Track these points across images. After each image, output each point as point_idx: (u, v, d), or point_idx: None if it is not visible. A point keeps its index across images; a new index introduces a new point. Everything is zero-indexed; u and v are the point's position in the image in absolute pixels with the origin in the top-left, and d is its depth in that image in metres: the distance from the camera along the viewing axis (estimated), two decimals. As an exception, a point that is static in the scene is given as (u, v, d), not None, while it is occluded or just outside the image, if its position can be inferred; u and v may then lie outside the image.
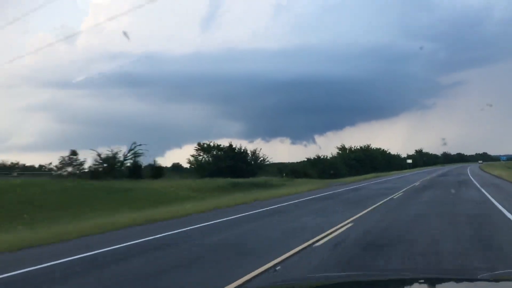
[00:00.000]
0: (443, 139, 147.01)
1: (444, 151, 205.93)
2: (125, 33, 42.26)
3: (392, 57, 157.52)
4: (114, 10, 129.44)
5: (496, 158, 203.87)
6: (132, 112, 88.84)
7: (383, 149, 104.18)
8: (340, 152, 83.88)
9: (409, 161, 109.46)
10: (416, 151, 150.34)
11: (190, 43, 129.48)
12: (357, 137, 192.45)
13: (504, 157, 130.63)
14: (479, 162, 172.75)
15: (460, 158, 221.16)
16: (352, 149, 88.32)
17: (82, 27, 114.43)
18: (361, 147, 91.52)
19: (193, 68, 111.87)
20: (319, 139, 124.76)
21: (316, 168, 62.12)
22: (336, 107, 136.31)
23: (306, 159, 69.11)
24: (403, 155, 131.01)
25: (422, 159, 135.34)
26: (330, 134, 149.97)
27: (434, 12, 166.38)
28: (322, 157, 68.98)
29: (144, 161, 39.66)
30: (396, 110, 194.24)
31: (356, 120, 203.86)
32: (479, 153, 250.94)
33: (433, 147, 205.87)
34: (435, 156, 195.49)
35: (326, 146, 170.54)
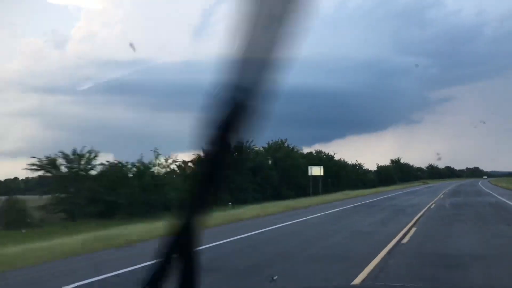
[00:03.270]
0: (438, 153, 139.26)
1: (431, 163, 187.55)
2: (131, 45, 40.27)
3: (384, 72, 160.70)
4: (106, 17, 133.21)
5: (494, 174, 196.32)
6: (119, 120, 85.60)
7: (345, 161, 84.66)
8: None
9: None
10: (392, 161, 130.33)
11: (181, 52, 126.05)
12: (346, 150, 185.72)
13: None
14: (484, 177, 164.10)
15: (450, 173, 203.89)
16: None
17: (73, 33, 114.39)
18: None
19: (183, 77, 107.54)
20: (307, 150, 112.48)
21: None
22: (326, 119, 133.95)
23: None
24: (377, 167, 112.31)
25: (393, 173, 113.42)
26: (318, 146, 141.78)
27: (426, 29, 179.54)
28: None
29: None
30: (384, 124, 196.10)
31: (346, 133, 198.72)
32: (469, 168, 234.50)
33: (419, 161, 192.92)
34: (419, 169, 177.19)
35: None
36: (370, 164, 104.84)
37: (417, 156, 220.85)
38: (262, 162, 47.99)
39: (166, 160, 36.27)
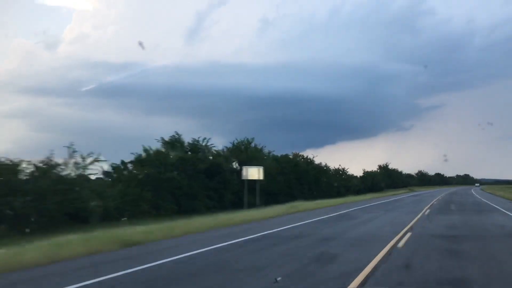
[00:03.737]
0: (445, 155, 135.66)
1: (420, 169, 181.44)
2: (140, 43, 35.37)
3: (375, 78, 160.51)
4: (98, 19, 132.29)
5: (484, 182, 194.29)
6: (110, 123, 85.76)
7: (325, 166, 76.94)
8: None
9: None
10: (380, 167, 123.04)
11: (173, 55, 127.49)
12: (337, 155, 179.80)
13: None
14: (476, 185, 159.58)
15: (440, 180, 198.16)
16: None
17: (64, 34, 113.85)
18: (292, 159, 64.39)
19: (175, 80, 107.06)
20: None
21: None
22: (317, 124, 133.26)
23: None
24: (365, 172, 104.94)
25: (380, 179, 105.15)
26: (310, 152, 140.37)
27: (417, 36, 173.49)
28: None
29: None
30: (375, 130, 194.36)
31: (337, 139, 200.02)
32: (460, 175, 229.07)
33: (410, 167, 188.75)
34: (409, 176, 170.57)
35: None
36: (360, 170, 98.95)
37: (408, 162, 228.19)
38: (220, 165, 40.09)
39: (84, 159, 28.14)
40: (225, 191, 40.18)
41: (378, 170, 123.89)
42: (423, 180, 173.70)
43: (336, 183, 74.84)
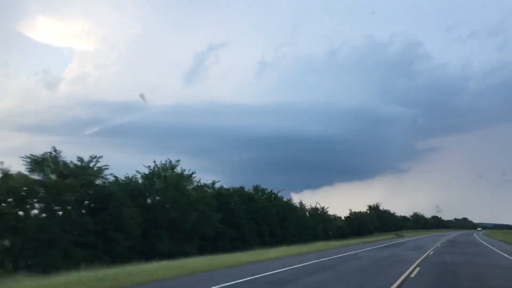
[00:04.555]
0: (438, 206, 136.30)
1: (416, 211, 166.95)
2: (142, 96, 28.42)
3: (372, 120, 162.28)
4: (99, 59, 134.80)
5: (483, 226, 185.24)
6: (108, 161, 59.19)
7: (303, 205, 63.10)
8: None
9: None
10: (370, 207, 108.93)
11: (172, 95, 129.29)
12: (334, 197, 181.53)
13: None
14: (479, 229, 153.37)
15: (437, 223, 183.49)
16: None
17: (65, 73, 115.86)
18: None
19: (173, 120, 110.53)
20: (296, 197, 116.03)
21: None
22: (314, 165, 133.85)
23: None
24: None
25: (369, 221, 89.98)
26: (307, 192, 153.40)
27: (413, 80, 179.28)
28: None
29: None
30: (372, 172, 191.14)
31: (334, 180, 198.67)
32: (458, 218, 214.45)
33: (406, 210, 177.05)
34: (404, 218, 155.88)
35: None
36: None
37: (405, 205, 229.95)
38: (110, 194, 26.28)
39: None
40: (116, 234, 26.20)
41: (368, 211, 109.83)
42: (418, 223, 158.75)
43: (310, 225, 60.70)
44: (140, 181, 32.02)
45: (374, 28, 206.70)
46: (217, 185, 41.04)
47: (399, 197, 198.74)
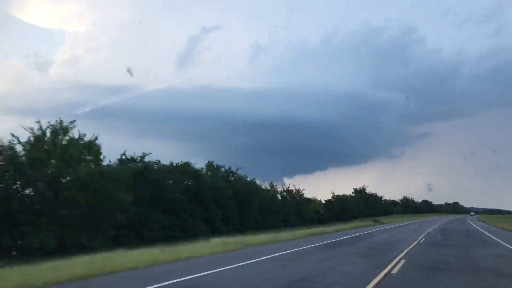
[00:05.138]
0: (429, 184, 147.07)
1: (405, 195, 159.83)
2: (129, 70, 35.63)
3: (365, 106, 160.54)
4: (91, 42, 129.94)
5: (469, 211, 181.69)
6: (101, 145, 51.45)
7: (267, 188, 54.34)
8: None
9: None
10: (356, 190, 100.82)
11: (165, 79, 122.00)
12: (327, 182, 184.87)
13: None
14: (472, 214, 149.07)
15: (428, 207, 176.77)
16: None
17: (56, 56, 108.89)
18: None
19: (166, 104, 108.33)
20: (288, 182, 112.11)
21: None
22: (308, 150, 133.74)
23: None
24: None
25: (353, 205, 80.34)
26: (299, 178, 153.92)
27: (407, 66, 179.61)
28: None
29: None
30: (365, 157, 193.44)
31: (328, 165, 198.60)
32: (449, 203, 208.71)
33: (397, 194, 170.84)
34: (393, 203, 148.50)
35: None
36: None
37: (396, 189, 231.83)
38: None
39: None
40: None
41: (353, 194, 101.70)
42: (408, 207, 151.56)
43: (281, 210, 52.03)
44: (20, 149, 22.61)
45: (369, 12, 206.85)
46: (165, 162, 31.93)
47: (391, 182, 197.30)
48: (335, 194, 79.25)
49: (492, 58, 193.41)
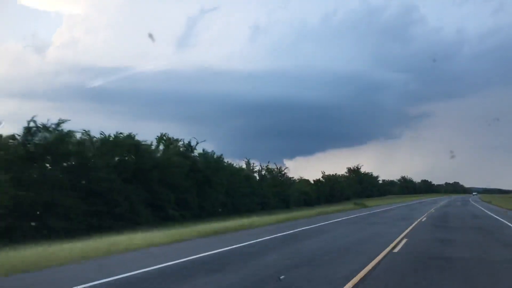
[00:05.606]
0: (451, 151, 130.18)
1: (403, 175, 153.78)
2: (150, 35, 37.09)
3: (364, 86, 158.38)
4: (89, 23, 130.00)
5: (470, 191, 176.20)
6: (99, 127, 63.23)
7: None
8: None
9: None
10: (350, 170, 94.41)
11: (163, 61, 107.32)
12: (327, 163, 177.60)
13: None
14: (474, 194, 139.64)
15: (427, 187, 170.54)
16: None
17: (54, 38, 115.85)
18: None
19: (164, 86, 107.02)
20: (288, 163, 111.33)
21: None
22: (307, 132, 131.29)
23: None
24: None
25: (345, 185, 72.96)
26: (300, 159, 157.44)
27: (408, 45, 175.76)
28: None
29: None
30: (365, 138, 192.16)
31: (327, 146, 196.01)
32: (449, 183, 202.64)
33: (397, 175, 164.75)
34: (391, 183, 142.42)
35: (294, 171, 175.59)
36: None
37: (395, 170, 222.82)
38: None
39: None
40: None
41: (347, 174, 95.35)
42: (406, 187, 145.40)
43: (258, 192, 45.58)
44: None
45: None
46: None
47: (391, 163, 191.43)
48: (325, 174, 72.74)
49: (493, 36, 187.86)
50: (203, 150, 37.97)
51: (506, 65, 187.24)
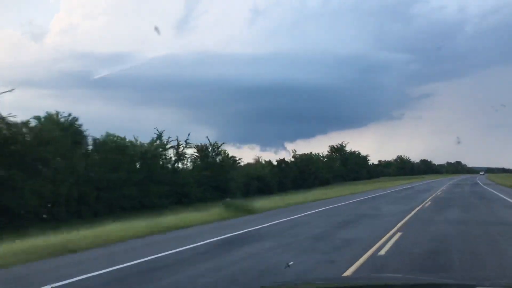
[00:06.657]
0: (457, 137, 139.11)
1: (400, 154, 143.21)
2: (156, 28, 40.75)
3: (366, 67, 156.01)
4: (86, 9, 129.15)
5: (473, 171, 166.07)
6: (98, 115, 74.48)
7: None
8: None
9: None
10: (333, 148, 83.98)
11: (162, 46, 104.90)
12: (328, 145, 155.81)
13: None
14: (481, 173, 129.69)
15: (427, 168, 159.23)
16: None
17: (52, 24, 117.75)
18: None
19: (164, 71, 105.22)
20: (289, 146, 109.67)
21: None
22: (308, 114, 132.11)
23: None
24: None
25: (322, 167, 61.76)
26: (300, 142, 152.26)
27: (409, 24, 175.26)
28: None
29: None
30: (366, 120, 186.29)
31: (328, 129, 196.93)
32: (450, 162, 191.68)
33: (396, 156, 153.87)
34: (387, 163, 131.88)
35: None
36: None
37: (396, 151, 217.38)
38: None
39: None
40: None
41: (330, 154, 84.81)
42: (403, 168, 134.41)
43: (170, 181, 35.36)
44: None
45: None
46: None
47: (392, 144, 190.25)
48: (297, 153, 62.24)
49: (496, 14, 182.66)
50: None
51: (507, 43, 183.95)
